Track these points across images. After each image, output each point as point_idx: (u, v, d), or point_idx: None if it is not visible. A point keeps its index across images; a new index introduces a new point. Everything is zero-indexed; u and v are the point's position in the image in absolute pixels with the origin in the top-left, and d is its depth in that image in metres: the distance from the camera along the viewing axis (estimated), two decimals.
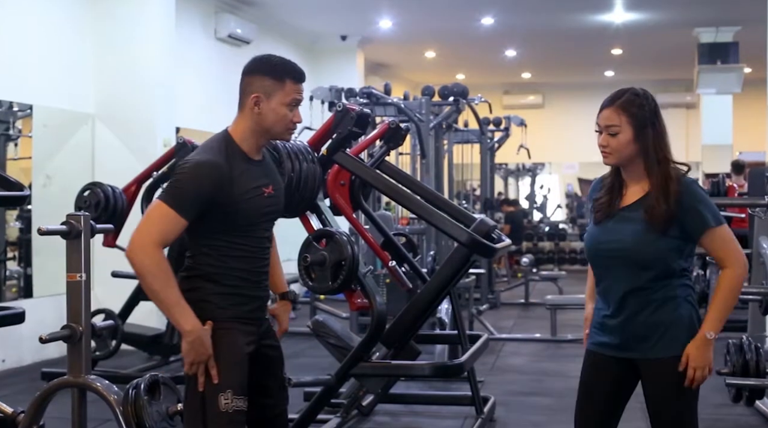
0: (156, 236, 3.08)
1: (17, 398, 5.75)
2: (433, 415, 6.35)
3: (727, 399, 5.85)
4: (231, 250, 3.18)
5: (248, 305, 3.22)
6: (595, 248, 3.30)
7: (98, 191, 7.21)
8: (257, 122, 3.19)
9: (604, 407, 3.35)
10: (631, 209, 3.25)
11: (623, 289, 3.22)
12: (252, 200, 3.16)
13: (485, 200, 13.71)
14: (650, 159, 3.21)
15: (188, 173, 3.10)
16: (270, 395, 3.35)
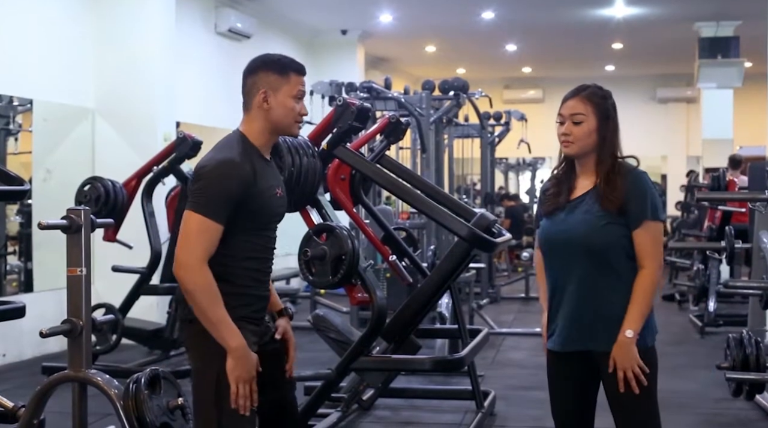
0: (200, 253, 3.01)
1: (18, 392, 5.76)
2: (434, 409, 6.35)
3: (727, 393, 5.85)
4: (246, 250, 3.17)
5: (255, 306, 3.23)
6: (547, 239, 3.35)
7: (98, 186, 7.21)
8: (266, 118, 3.19)
9: (574, 404, 3.39)
10: (580, 200, 3.31)
11: (576, 279, 3.26)
12: (270, 199, 3.18)
13: (485, 194, 13.71)
14: (604, 152, 3.29)
15: (214, 175, 3.04)
16: (279, 387, 3.37)
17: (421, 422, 6.06)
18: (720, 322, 9.29)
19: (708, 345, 8.68)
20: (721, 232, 8.37)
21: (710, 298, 9.32)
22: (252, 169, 3.09)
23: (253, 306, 3.21)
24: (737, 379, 5.53)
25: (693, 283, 10.76)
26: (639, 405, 3.24)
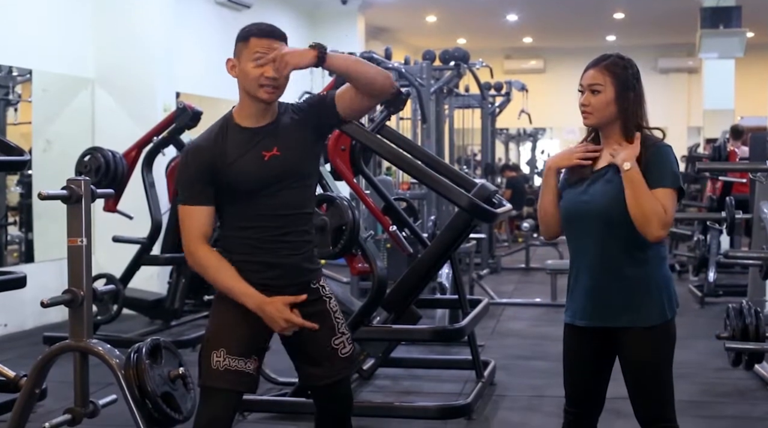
0: (191, 236, 3.19)
1: (19, 362, 5.77)
2: (434, 379, 6.38)
3: (726, 363, 5.88)
4: (238, 220, 3.21)
5: (265, 273, 3.20)
6: (568, 210, 3.31)
7: (99, 156, 7.20)
8: (240, 88, 3.23)
9: (588, 379, 3.38)
10: (603, 171, 3.26)
11: (596, 252, 3.23)
12: (246, 167, 3.15)
13: (486, 165, 13.69)
14: (628, 122, 3.24)
15: (180, 165, 3.26)
16: (316, 364, 3.30)
17: (421, 391, 6.09)
18: (720, 292, 9.31)
19: (707, 315, 8.70)
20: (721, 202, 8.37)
21: (710, 268, 9.34)
22: (218, 146, 3.17)
23: (261, 273, 3.19)
24: (736, 349, 5.55)
25: (693, 253, 10.77)
26: (656, 380, 3.23)
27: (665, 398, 3.24)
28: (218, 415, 3.17)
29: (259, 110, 3.21)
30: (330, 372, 3.29)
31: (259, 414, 5.32)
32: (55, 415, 4.45)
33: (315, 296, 3.30)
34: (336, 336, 3.31)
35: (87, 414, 4.41)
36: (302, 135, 3.26)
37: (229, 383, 3.15)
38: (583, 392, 3.39)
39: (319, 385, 3.33)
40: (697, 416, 5.26)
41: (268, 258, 3.21)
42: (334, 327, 3.32)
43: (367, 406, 5.50)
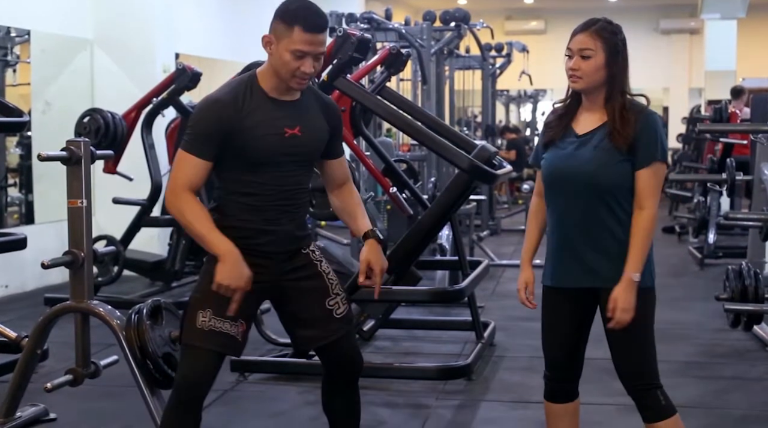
0: (180, 181, 3.14)
1: (21, 323, 5.80)
2: (434, 340, 6.40)
3: (725, 324, 5.90)
4: (240, 185, 3.18)
5: (256, 239, 3.19)
6: (553, 172, 3.30)
7: (98, 117, 7.18)
8: (271, 63, 3.16)
9: (568, 339, 3.39)
10: (590, 136, 3.26)
11: (580, 215, 3.23)
12: (265, 137, 3.12)
13: (486, 126, 13.66)
14: (614, 88, 3.24)
15: (196, 114, 3.17)
16: (310, 326, 3.29)
17: (421, 352, 6.12)
18: (719, 254, 9.33)
19: (707, 277, 8.73)
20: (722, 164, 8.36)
21: (710, 230, 9.34)
22: (240, 106, 3.10)
23: (252, 239, 3.18)
24: (735, 310, 5.57)
25: (693, 215, 10.78)
26: (637, 339, 3.25)
27: (648, 357, 3.26)
28: (199, 375, 3.13)
29: (284, 85, 3.17)
30: (325, 333, 3.28)
31: (260, 375, 5.35)
32: (56, 375, 4.48)
33: (305, 261, 3.31)
34: (330, 297, 3.31)
35: (88, 374, 4.44)
36: (322, 126, 3.28)
37: (212, 343, 3.12)
38: (565, 355, 3.40)
39: (315, 347, 3.32)
40: (695, 376, 5.28)
41: (262, 225, 3.19)
42: (327, 288, 3.32)
43: (368, 367, 5.45)
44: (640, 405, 3.27)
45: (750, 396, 5.08)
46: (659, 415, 3.23)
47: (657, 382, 3.25)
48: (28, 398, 4.53)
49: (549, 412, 3.50)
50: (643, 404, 3.26)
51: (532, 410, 4.77)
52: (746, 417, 4.71)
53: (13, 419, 4.41)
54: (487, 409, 4.86)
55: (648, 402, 3.24)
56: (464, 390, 5.18)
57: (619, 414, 4.67)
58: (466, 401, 4.99)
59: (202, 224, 3.11)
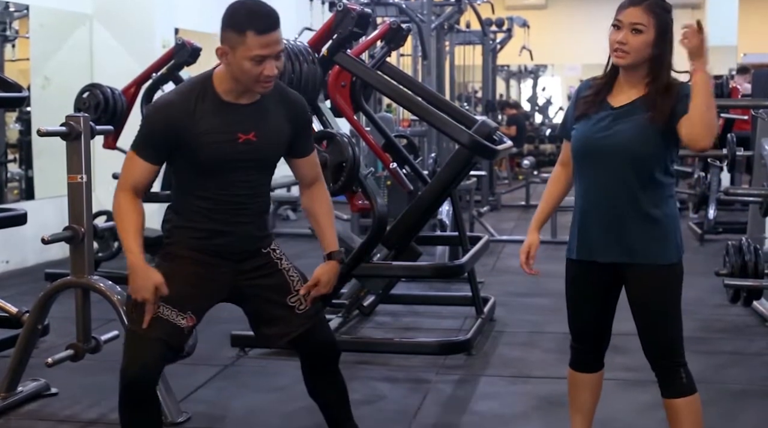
0: (123, 181, 3.15)
1: (22, 298, 5.81)
2: (434, 315, 6.42)
3: (725, 299, 5.91)
4: (195, 189, 3.14)
5: (213, 240, 3.16)
6: (590, 145, 3.24)
7: (97, 93, 7.16)
8: (231, 71, 3.06)
9: (595, 314, 3.39)
10: (628, 108, 3.22)
11: (615, 188, 3.20)
12: (217, 144, 3.05)
13: (487, 102, 13.64)
14: (659, 67, 3.19)
15: (147, 116, 3.18)
16: (272, 324, 3.27)
17: (421, 327, 6.13)
18: (719, 229, 9.33)
19: (707, 252, 8.73)
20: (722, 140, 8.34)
21: (710, 205, 9.34)
22: (192, 110, 3.03)
23: (208, 240, 3.14)
24: (735, 285, 5.58)
25: (693, 191, 10.77)
26: (664, 316, 3.24)
27: (674, 336, 3.25)
28: (147, 363, 3.07)
29: (242, 90, 3.08)
30: (286, 330, 3.26)
31: (260, 350, 5.36)
32: (57, 351, 4.50)
33: (265, 260, 3.28)
34: (291, 295, 3.27)
35: (89, 349, 4.46)
36: (282, 128, 3.19)
37: (158, 332, 3.07)
38: (591, 327, 3.40)
39: (279, 344, 3.32)
40: (695, 351, 5.27)
41: (220, 227, 3.15)
42: (288, 285, 3.28)
43: (368, 342, 5.54)
44: (662, 381, 3.27)
45: (749, 371, 5.10)
46: (680, 393, 3.23)
47: (682, 360, 3.25)
48: (29, 373, 4.55)
49: (572, 381, 3.52)
50: (665, 381, 3.26)
51: (531, 385, 4.78)
52: (745, 392, 4.73)
53: (14, 394, 4.43)
54: (487, 384, 4.87)
55: (671, 379, 3.24)
56: (464, 365, 5.20)
57: (619, 389, 4.68)
58: (466, 376, 5.01)
59: (125, 229, 3.12)
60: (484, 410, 4.47)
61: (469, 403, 4.57)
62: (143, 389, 3.08)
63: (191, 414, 4.27)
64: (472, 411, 4.45)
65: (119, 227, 3.13)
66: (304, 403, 4.14)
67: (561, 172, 3.45)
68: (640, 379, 4.58)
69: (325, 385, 3.41)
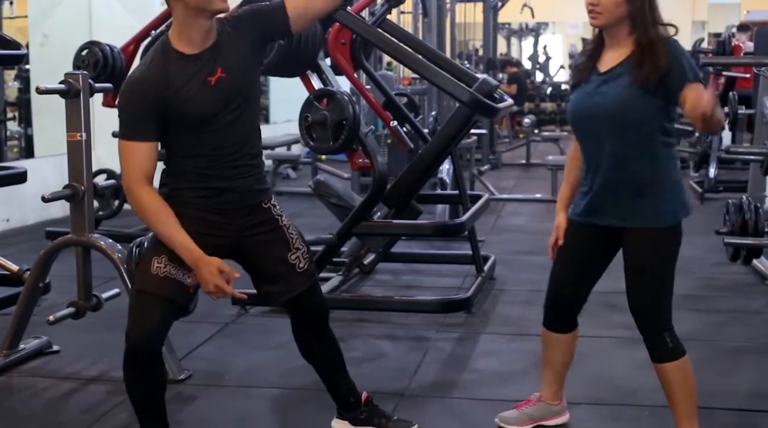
0: (132, 174, 3.04)
1: (22, 256, 5.81)
2: (434, 274, 6.43)
3: (724, 258, 5.92)
4: (188, 149, 3.11)
5: (215, 198, 3.14)
6: (580, 113, 3.26)
7: (96, 50, 7.11)
8: (179, 10, 3.01)
9: (580, 275, 3.42)
10: (614, 71, 3.20)
11: (610, 155, 3.20)
12: (195, 95, 3.02)
13: (487, 60, 13.57)
14: (640, 22, 3.15)
15: (122, 100, 3.06)
16: (273, 281, 3.28)
17: (421, 286, 6.14)
18: (720, 188, 9.32)
19: (707, 211, 8.73)
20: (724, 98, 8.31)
21: (711, 164, 9.33)
22: (163, 75, 3.00)
23: (210, 199, 3.13)
24: (735, 244, 5.59)
25: (694, 149, 10.75)
26: (654, 279, 3.25)
27: (661, 298, 3.27)
28: (153, 324, 3.06)
29: (202, 31, 3.04)
30: (288, 288, 3.27)
31: (261, 308, 5.38)
32: (59, 309, 4.52)
33: (267, 216, 3.28)
34: (291, 252, 3.28)
35: (90, 307, 4.48)
36: (243, 52, 3.14)
37: (165, 290, 3.07)
38: (572, 289, 3.43)
39: (280, 302, 3.32)
40: (694, 310, 5.31)
41: (220, 183, 3.13)
42: (288, 243, 3.29)
43: (368, 300, 5.56)
44: (649, 345, 3.30)
45: (748, 328, 5.12)
46: (666, 357, 3.26)
47: (667, 324, 3.27)
48: (31, 330, 4.57)
49: (546, 339, 3.57)
50: (651, 344, 3.29)
51: (531, 342, 4.80)
52: (743, 349, 4.75)
53: (16, 351, 4.46)
54: (487, 342, 4.89)
55: (656, 343, 3.27)
56: (464, 323, 5.22)
57: (617, 347, 4.71)
58: (466, 334, 5.03)
59: (163, 229, 3.04)
60: (483, 367, 4.50)
61: (468, 361, 4.59)
62: (149, 350, 3.08)
63: (192, 372, 4.29)
64: (471, 369, 4.47)
65: (159, 227, 3.04)
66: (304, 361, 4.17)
67: (574, 148, 3.46)
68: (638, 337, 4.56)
69: (318, 345, 3.45)
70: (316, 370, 3.52)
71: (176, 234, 3.03)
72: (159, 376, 3.21)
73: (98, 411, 3.88)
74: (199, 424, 3.76)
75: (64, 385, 4.21)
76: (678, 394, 3.28)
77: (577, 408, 3.79)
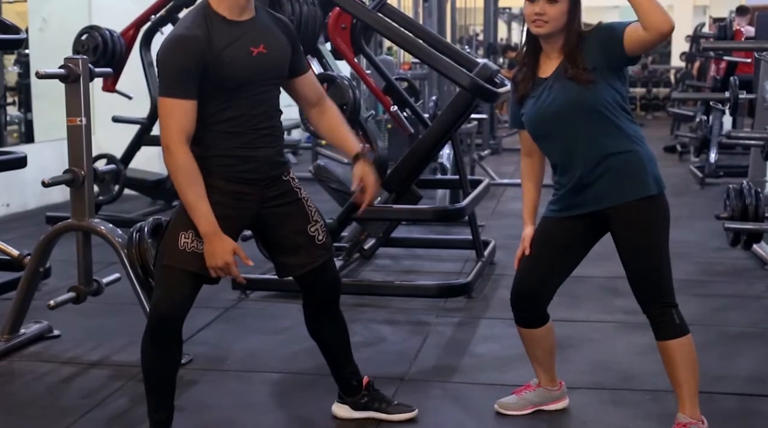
0: (174, 134, 3.01)
1: (23, 241, 5.82)
2: (434, 258, 6.44)
3: (725, 242, 5.92)
4: (219, 114, 3.11)
5: (240, 166, 3.15)
6: (540, 117, 3.29)
7: (96, 35, 7.10)
8: None
9: (550, 265, 3.42)
10: (556, 72, 3.26)
11: (577, 144, 3.24)
12: (235, 61, 3.06)
13: (488, 45, 13.54)
14: (572, 33, 3.24)
15: (166, 56, 3.06)
16: (293, 253, 3.30)
17: (421, 270, 6.15)
18: (720, 173, 9.32)
19: (708, 196, 8.73)
20: (725, 83, 8.31)
21: (711, 149, 9.33)
22: (206, 35, 3.03)
23: (237, 167, 3.14)
24: (735, 229, 5.59)
25: (695, 134, 10.75)
26: (650, 255, 3.26)
27: (662, 275, 3.27)
28: (181, 297, 3.10)
29: (241, 4, 3.10)
30: (307, 260, 3.30)
31: (261, 293, 5.39)
32: (59, 293, 4.52)
33: (286, 188, 3.30)
34: (311, 224, 3.31)
35: (91, 291, 4.48)
36: (283, 40, 3.22)
37: (194, 265, 3.08)
38: (539, 285, 3.44)
39: (299, 274, 3.33)
40: (694, 294, 5.32)
41: (244, 152, 3.15)
42: (308, 215, 3.32)
43: (368, 285, 5.56)
44: (654, 323, 3.29)
45: (748, 313, 5.12)
46: (672, 334, 3.26)
47: (672, 301, 3.27)
48: (31, 315, 4.58)
49: (522, 336, 3.57)
50: (657, 322, 3.28)
51: None
52: (744, 334, 4.75)
53: (17, 335, 4.46)
54: (487, 326, 4.90)
55: (662, 320, 3.27)
56: (464, 307, 5.22)
57: (618, 331, 4.71)
58: (466, 318, 5.03)
59: (190, 193, 3.03)
60: (483, 352, 4.50)
61: (468, 345, 4.60)
62: (172, 323, 3.12)
63: (193, 356, 4.30)
64: (471, 354, 4.48)
65: (187, 192, 3.02)
66: (305, 345, 4.18)
67: (528, 163, 3.51)
68: (639, 322, 4.58)
69: (327, 324, 3.47)
70: (322, 350, 3.53)
71: (201, 202, 3.03)
72: (178, 354, 3.23)
73: (99, 395, 3.89)
74: (200, 408, 3.77)
75: (64, 370, 4.22)
76: (682, 373, 3.28)
77: (578, 392, 3.79)
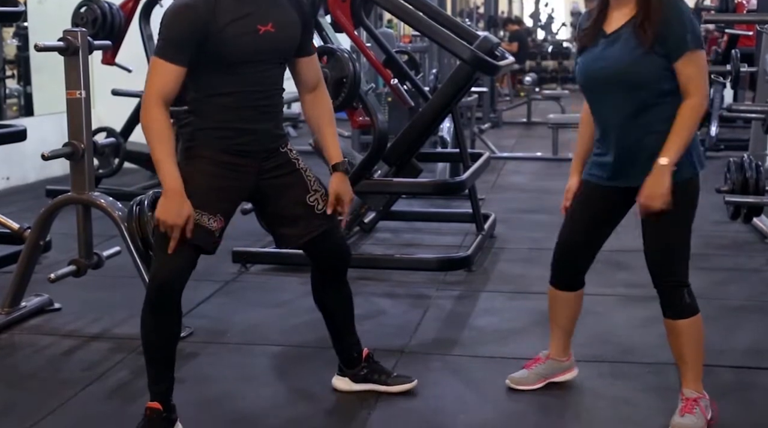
0: (153, 91, 3.04)
1: (23, 215, 5.82)
2: (434, 232, 6.44)
3: (725, 216, 5.92)
4: (217, 86, 3.11)
5: (237, 139, 3.15)
6: (588, 77, 3.25)
7: (95, 8, 7.07)
8: None
9: (589, 231, 3.41)
10: (617, 33, 3.19)
11: (619, 116, 3.19)
12: (239, 37, 3.05)
13: (489, 18, 13.50)
14: None
15: (167, 20, 3.07)
16: (292, 224, 3.30)
17: (422, 244, 6.15)
18: (721, 146, 9.31)
19: (708, 169, 8.58)
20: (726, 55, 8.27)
21: (712, 122, 9.30)
22: (210, 8, 3.02)
23: (234, 139, 3.14)
24: (736, 202, 5.59)
25: None
26: (671, 235, 3.23)
27: (680, 254, 3.25)
28: (180, 265, 3.09)
29: None
30: (306, 230, 3.30)
31: (261, 266, 5.40)
32: (60, 267, 4.53)
33: (284, 159, 3.29)
34: (310, 194, 3.31)
35: (91, 265, 4.49)
36: (294, 19, 3.20)
37: (191, 236, 3.07)
38: (580, 247, 3.43)
39: (299, 244, 3.33)
40: (694, 268, 5.25)
41: (242, 124, 3.15)
42: (306, 185, 3.31)
43: (368, 258, 5.56)
44: (664, 301, 3.27)
45: (748, 286, 5.13)
46: (682, 314, 3.24)
47: (685, 281, 3.26)
48: (32, 288, 4.59)
49: (553, 297, 3.57)
50: (667, 301, 3.26)
51: (531, 300, 4.82)
52: (744, 307, 4.76)
53: (18, 308, 4.47)
54: (487, 300, 4.91)
55: (673, 299, 3.25)
56: (464, 281, 5.23)
57: (619, 304, 4.72)
58: (466, 291, 5.04)
59: (160, 149, 3.02)
60: (483, 325, 4.51)
61: (468, 319, 4.61)
62: (170, 292, 3.11)
63: (193, 329, 4.31)
64: (471, 327, 4.49)
65: (155, 148, 3.03)
66: (305, 318, 4.19)
67: (585, 110, 3.45)
68: (640, 295, 4.61)
69: (332, 293, 3.48)
70: (326, 320, 3.54)
71: (167, 160, 3.03)
72: (178, 325, 3.23)
73: (100, 368, 3.90)
74: (201, 381, 3.78)
75: (65, 343, 4.23)
76: (689, 352, 3.27)
77: (578, 365, 3.80)
